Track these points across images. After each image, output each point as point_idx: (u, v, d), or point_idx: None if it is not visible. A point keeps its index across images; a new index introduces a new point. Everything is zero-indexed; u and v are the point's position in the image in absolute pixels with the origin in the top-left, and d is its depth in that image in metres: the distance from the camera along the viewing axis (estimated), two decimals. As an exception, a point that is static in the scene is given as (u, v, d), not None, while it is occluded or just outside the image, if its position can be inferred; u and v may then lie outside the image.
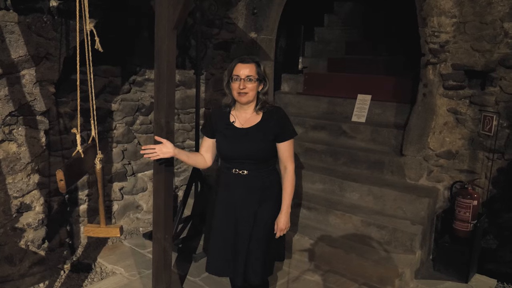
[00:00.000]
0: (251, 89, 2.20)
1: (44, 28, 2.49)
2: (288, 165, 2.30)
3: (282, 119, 2.29)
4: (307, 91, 5.01)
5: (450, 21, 3.42)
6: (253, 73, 2.20)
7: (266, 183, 2.30)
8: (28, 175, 2.88)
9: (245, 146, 2.25)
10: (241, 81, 2.18)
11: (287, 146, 2.29)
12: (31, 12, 2.40)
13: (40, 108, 2.71)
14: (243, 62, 2.22)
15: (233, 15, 4.50)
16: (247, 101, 2.24)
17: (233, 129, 2.29)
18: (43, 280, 3.09)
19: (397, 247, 3.36)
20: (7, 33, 2.33)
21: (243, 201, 2.30)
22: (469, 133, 3.49)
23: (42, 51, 2.55)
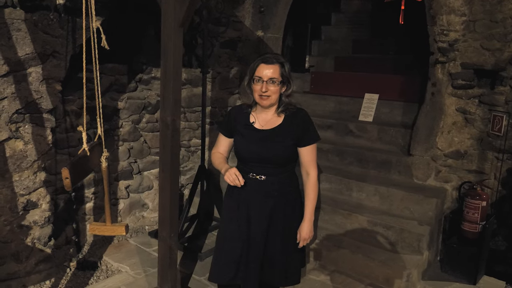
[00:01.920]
0: (274, 92, 2.08)
1: (50, 26, 2.49)
2: (310, 170, 2.20)
3: (305, 122, 2.17)
4: (314, 90, 4.98)
5: (460, 19, 3.38)
6: (276, 75, 2.07)
7: (284, 188, 2.20)
8: (34, 172, 2.89)
9: (263, 149, 2.13)
10: (264, 83, 2.06)
11: (310, 151, 2.18)
12: (37, 9, 2.39)
13: (47, 106, 2.71)
14: (266, 63, 2.08)
15: (240, 13, 4.48)
16: (270, 105, 2.13)
17: (252, 130, 2.18)
18: (49, 277, 3.10)
19: (404, 247, 3.32)
20: (14, 30, 2.33)
21: (257, 206, 2.19)
22: (478, 133, 3.44)
23: (49, 48, 2.55)
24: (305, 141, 2.16)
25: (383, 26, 5.11)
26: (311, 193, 2.20)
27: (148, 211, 4.15)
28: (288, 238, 2.23)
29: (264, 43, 4.54)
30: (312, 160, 2.19)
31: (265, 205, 2.18)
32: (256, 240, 2.20)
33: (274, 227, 2.20)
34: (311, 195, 2.20)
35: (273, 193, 2.17)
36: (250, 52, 4.56)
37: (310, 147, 2.17)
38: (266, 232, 2.20)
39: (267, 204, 2.18)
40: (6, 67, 2.39)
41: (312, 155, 2.19)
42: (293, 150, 2.17)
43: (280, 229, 2.21)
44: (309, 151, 2.18)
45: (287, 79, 2.12)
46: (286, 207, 2.21)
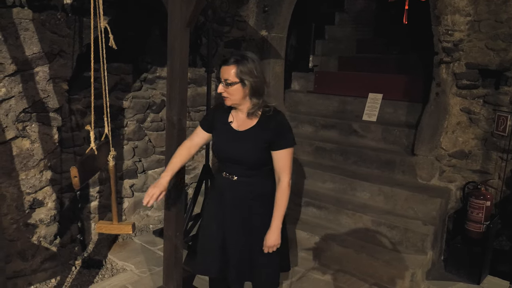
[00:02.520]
0: (231, 93, 2.05)
1: (58, 25, 2.50)
2: (282, 176, 2.10)
3: (279, 126, 2.10)
4: (317, 90, 4.99)
5: (465, 19, 3.38)
6: (230, 76, 2.02)
7: (258, 191, 2.16)
8: (40, 171, 2.90)
9: (236, 150, 2.13)
10: (220, 85, 2.07)
11: (283, 156, 2.09)
12: (45, 9, 2.41)
13: (53, 105, 2.73)
14: (224, 64, 2.06)
15: (244, 12, 4.49)
16: (232, 104, 2.12)
17: (229, 130, 2.18)
18: (54, 275, 3.12)
19: (408, 247, 3.33)
20: (22, 30, 2.35)
21: (230, 206, 2.20)
22: (482, 133, 3.44)
23: (56, 48, 2.57)
24: (278, 145, 2.08)
25: (387, 26, 5.11)
26: (279, 200, 2.11)
27: (153, 210, 4.16)
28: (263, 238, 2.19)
29: (268, 42, 4.54)
30: (284, 165, 2.10)
31: (238, 205, 2.17)
32: (231, 240, 2.21)
33: (249, 229, 2.19)
34: (279, 201, 2.11)
35: (246, 194, 2.16)
36: (254, 51, 4.56)
37: (282, 152, 2.08)
38: (241, 232, 2.20)
39: (240, 204, 2.17)
40: (14, 67, 2.40)
41: (284, 161, 2.09)
42: (265, 154, 2.11)
43: (255, 230, 2.18)
44: (281, 156, 2.09)
45: (244, 80, 2.02)
46: (260, 209, 2.18)
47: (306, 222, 3.78)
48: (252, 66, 2.04)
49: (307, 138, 4.48)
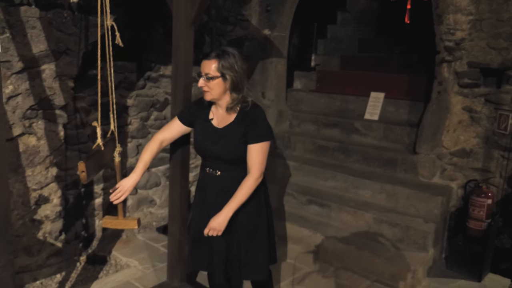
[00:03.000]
0: (211, 87, 2.06)
1: (64, 24, 2.54)
2: (253, 170, 2.08)
3: (255, 119, 2.09)
4: (319, 89, 5.02)
5: (466, 18, 3.41)
6: (210, 70, 2.04)
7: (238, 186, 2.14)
8: (46, 168, 2.94)
9: (217, 147, 2.14)
10: (201, 79, 2.09)
11: (254, 150, 2.06)
12: (52, 7, 2.44)
13: (59, 102, 2.76)
14: (205, 58, 2.08)
15: (247, 12, 4.52)
16: (211, 99, 2.12)
17: (209, 127, 2.19)
18: (60, 271, 3.16)
19: (409, 245, 3.36)
20: (29, 28, 2.38)
21: (214, 201, 2.21)
22: (484, 131, 3.47)
23: (62, 46, 2.60)
24: (250, 139, 2.07)
25: (389, 25, 5.14)
26: (240, 191, 2.08)
27: (156, 207, 4.19)
28: (248, 234, 2.21)
29: (270, 41, 4.57)
30: (256, 160, 2.07)
31: (221, 200, 2.17)
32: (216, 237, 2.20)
33: (234, 223, 2.18)
34: (239, 192, 2.08)
35: (230, 189, 2.15)
36: (257, 50, 4.60)
37: (255, 146, 2.06)
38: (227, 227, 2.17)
39: (224, 199, 2.16)
40: (21, 64, 2.44)
41: (257, 155, 2.07)
42: (244, 149, 2.10)
43: (239, 225, 2.19)
44: (252, 150, 2.07)
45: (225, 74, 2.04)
46: (249, 202, 2.17)
47: (308, 219, 3.81)
48: (233, 61, 2.05)
49: (309, 137, 4.51)
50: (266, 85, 4.69)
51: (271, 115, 4.66)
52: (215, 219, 2.10)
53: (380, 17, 5.44)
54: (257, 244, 2.24)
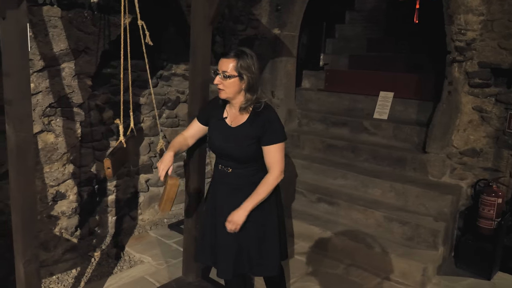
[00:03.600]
0: (227, 86, 2.09)
1: (84, 23, 2.58)
2: (273, 169, 2.13)
3: (268, 121, 2.12)
4: (328, 88, 5.05)
5: (478, 19, 3.44)
6: (229, 69, 2.06)
7: (251, 182, 2.19)
8: (63, 164, 2.98)
9: (230, 145, 2.18)
10: (217, 76, 2.11)
11: (271, 151, 2.12)
12: (73, 7, 2.49)
13: (77, 100, 2.81)
14: (224, 57, 2.11)
15: (257, 11, 4.55)
16: (226, 97, 2.15)
17: (223, 125, 2.23)
18: (75, 266, 3.20)
19: (419, 243, 3.39)
20: (51, 27, 2.42)
21: (223, 197, 2.26)
22: (494, 131, 3.50)
23: (82, 45, 2.65)
24: (266, 140, 2.11)
25: (398, 25, 5.16)
26: (260, 188, 2.13)
27: (167, 204, 4.23)
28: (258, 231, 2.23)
29: (280, 41, 4.61)
30: (274, 160, 2.12)
31: (232, 196, 2.22)
32: (222, 230, 2.24)
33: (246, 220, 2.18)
34: (260, 189, 2.13)
35: (240, 186, 2.20)
36: (267, 49, 4.64)
37: (271, 147, 2.12)
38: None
39: (234, 196, 2.21)
40: (42, 62, 2.48)
41: (274, 156, 2.12)
42: (256, 149, 2.15)
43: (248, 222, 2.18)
44: (270, 151, 2.12)
45: (244, 73, 2.07)
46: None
47: (318, 217, 3.85)
48: (251, 62, 2.09)
49: (318, 136, 4.55)
50: (275, 84, 4.72)
51: (280, 114, 4.65)
52: (235, 213, 2.13)
53: (389, 17, 5.46)
54: (268, 240, 2.26)
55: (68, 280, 3.08)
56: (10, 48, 1.77)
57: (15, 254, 2.02)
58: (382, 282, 3.21)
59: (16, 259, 2.02)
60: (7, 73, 1.80)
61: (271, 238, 2.27)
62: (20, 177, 1.89)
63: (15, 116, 1.82)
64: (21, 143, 1.86)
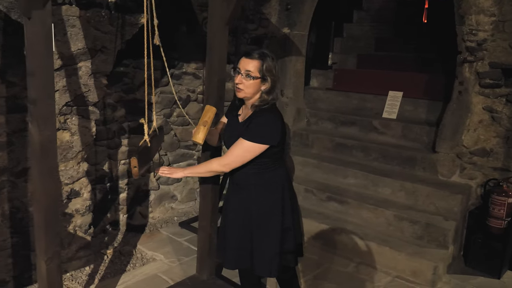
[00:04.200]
0: (248, 86, 2.08)
1: (101, 22, 2.60)
2: (224, 158, 2.12)
3: (257, 119, 2.08)
4: (337, 87, 5.06)
5: (489, 19, 3.45)
6: (253, 69, 2.05)
7: (255, 181, 2.19)
8: (78, 163, 3.01)
9: (230, 142, 2.20)
10: (239, 76, 2.10)
11: (239, 143, 2.07)
12: (91, 6, 2.51)
13: (93, 99, 2.83)
14: (247, 56, 2.09)
15: (267, 10, 4.57)
16: (244, 97, 2.15)
17: (235, 121, 2.26)
18: (88, 264, 3.23)
19: (430, 242, 3.42)
20: (69, 26, 2.45)
21: (231, 195, 2.31)
22: (504, 131, 3.51)
23: (98, 44, 2.67)
24: (244, 132, 2.08)
25: (406, 24, 5.17)
26: (202, 164, 2.24)
27: (177, 202, 4.27)
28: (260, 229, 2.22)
29: (290, 40, 4.62)
30: (232, 152, 2.08)
31: (236, 195, 2.26)
32: (229, 227, 2.28)
33: (246, 218, 2.23)
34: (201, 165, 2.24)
35: (242, 184, 2.21)
36: (276, 49, 4.65)
37: (240, 140, 2.07)
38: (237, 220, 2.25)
39: (239, 194, 2.25)
40: (60, 61, 2.50)
41: (236, 147, 2.07)
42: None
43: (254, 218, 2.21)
44: (237, 142, 2.08)
45: (267, 76, 2.07)
46: (257, 201, 2.20)
47: (328, 216, 3.87)
48: (273, 65, 2.10)
49: (327, 135, 4.56)
50: (284, 83, 4.74)
51: (289, 112, 4.72)
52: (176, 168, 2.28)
53: (397, 16, 5.47)
54: (268, 242, 2.23)
55: (82, 278, 3.11)
56: (35, 48, 1.80)
57: (37, 252, 2.05)
58: (393, 281, 3.23)
59: (38, 257, 2.04)
60: (32, 72, 1.82)
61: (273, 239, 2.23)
62: (43, 175, 1.91)
63: (39, 115, 1.84)
64: (45, 142, 1.88)
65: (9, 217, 2.80)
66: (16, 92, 2.48)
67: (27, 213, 2.88)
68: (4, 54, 2.34)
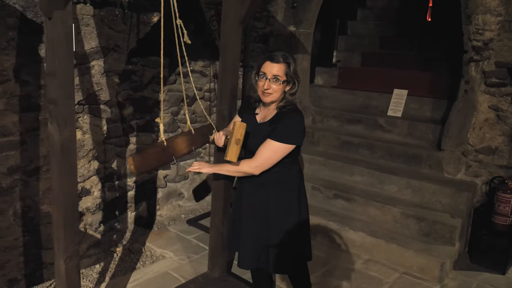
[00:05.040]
0: (276, 90, 2.10)
1: (115, 21, 2.61)
2: (254, 160, 2.13)
3: (283, 121, 2.11)
4: (342, 85, 5.08)
5: (495, 19, 3.47)
6: (281, 73, 2.08)
7: (274, 179, 2.21)
8: (89, 161, 3.02)
9: (252, 141, 2.21)
10: (267, 81, 2.09)
11: (267, 145, 2.09)
12: (104, 5, 2.51)
13: (105, 97, 2.84)
14: (272, 61, 2.10)
15: (273, 8, 4.58)
16: (271, 101, 2.16)
17: (252, 121, 2.26)
18: (98, 261, 3.25)
19: (436, 238, 3.45)
20: (83, 25, 2.45)
21: (248, 193, 2.30)
22: (509, 129, 3.55)
23: (111, 43, 2.67)
24: (272, 133, 2.10)
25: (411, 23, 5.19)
26: (234, 164, 2.17)
27: (184, 200, 4.28)
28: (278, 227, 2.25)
29: (296, 38, 4.63)
30: (262, 154, 2.10)
31: (255, 193, 2.26)
32: (245, 225, 2.30)
33: (264, 216, 2.25)
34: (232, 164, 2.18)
35: (264, 183, 2.21)
36: (282, 46, 4.66)
37: (268, 141, 2.09)
38: (256, 218, 2.27)
39: (257, 192, 2.25)
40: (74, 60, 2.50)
41: (263, 148, 2.10)
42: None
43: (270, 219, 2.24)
44: (266, 144, 2.10)
45: (292, 78, 2.12)
46: (275, 198, 2.23)
47: (335, 213, 3.90)
48: (296, 68, 2.16)
49: (333, 132, 4.59)
50: (290, 81, 4.75)
51: (294, 110, 4.74)
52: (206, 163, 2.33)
53: (401, 15, 5.49)
54: (287, 238, 2.28)
55: (93, 275, 3.13)
56: (56, 48, 1.81)
57: (56, 251, 2.06)
58: (401, 277, 3.27)
59: (57, 256, 2.06)
60: (52, 72, 1.83)
61: (291, 236, 2.29)
62: (63, 175, 1.93)
63: (59, 115, 1.85)
64: (65, 142, 1.89)
65: (21, 216, 2.81)
66: (30, 91, 2.48)
67: (38, 212, 2.88)
68: (19, 53, 2.33)
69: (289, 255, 2.31)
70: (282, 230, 2.27)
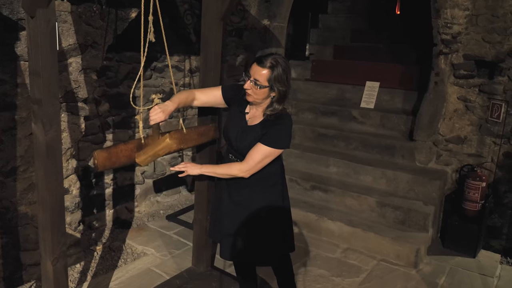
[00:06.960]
0: (257, 93, 2.09)
1: (92, 17, 2.54)
2: (245, 164, 2.14)
3: (275, 126, 2.12)
4: (315, 78, 5.16)
5: (463, 13, 3.62)
6: (262, 78, 2.05)
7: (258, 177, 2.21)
8: (67, 160, 2.95)
9: (239, 142, 2.21)
10: (248, 81, 2.10)
11: (259, 149, 2.11)
12: (82, 2, 2.45)
13: (83, 95, 2.78)
14: (258, 64, 2.07)
15: (246, 2, 4.57)
16: (252, 101, 2.16)
17: (241, 119, 2.24)
18: (79, 261, 3.19)
19: (411, 226, 3.60)
20: (61, 22, 2.38)
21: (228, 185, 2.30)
22: (477, 119, 3.73)
23: (89, 39, 2.61)
24: (263, 138, 2.12)
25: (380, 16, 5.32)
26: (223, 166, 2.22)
27: (162, 196, 4.26)
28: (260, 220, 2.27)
29: (270, 32, 4.66)
30: (253, 158, 2.12)
31: (238, 187, 2.26)
32: (227, 218, 2.31)
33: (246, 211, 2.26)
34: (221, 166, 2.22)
35: (247, 182, 2.21)
36: (256, 40, 4.68)
37: (262, 146, 2.11)
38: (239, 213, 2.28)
39: (237, 186, 2.26)
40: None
41: (256, 153, 2.12)
42: None
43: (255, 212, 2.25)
44: (257, 148, 2.12)
45: (276, 86, 2.06)
46: (261, 193, 2.26)
47: (313, 205, 3.99)
48: (284, 75, 2.07)
49: (308, 125, 4.67)
50: (265, 74, 4.78)
51: (270, 104, 4.78)
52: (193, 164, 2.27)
53: (371, 8, 5.61)
54: (271, 231, 2.31)
55: (74, 275, 3.08)
56: (39, 47, 1.76)
57: (42, 253, 2.02)
58: (379, 264, 3.40)
59: (43, 258, 2.02)
60: (36, 72, 1.78)
61: (273, 229, 2.32)
62: (49, 176, 1.89)
63: (44, 115, 1.81)
64: (50, 142, 1.85)
65: (-3, 217, 2.73)
66: (6, 90, 2.40)
67: (16, 213, 2.80)
68: (-7, 51, 2.25)
69: (273, 248, 2.34)
70: (266, 223, 2.30)
